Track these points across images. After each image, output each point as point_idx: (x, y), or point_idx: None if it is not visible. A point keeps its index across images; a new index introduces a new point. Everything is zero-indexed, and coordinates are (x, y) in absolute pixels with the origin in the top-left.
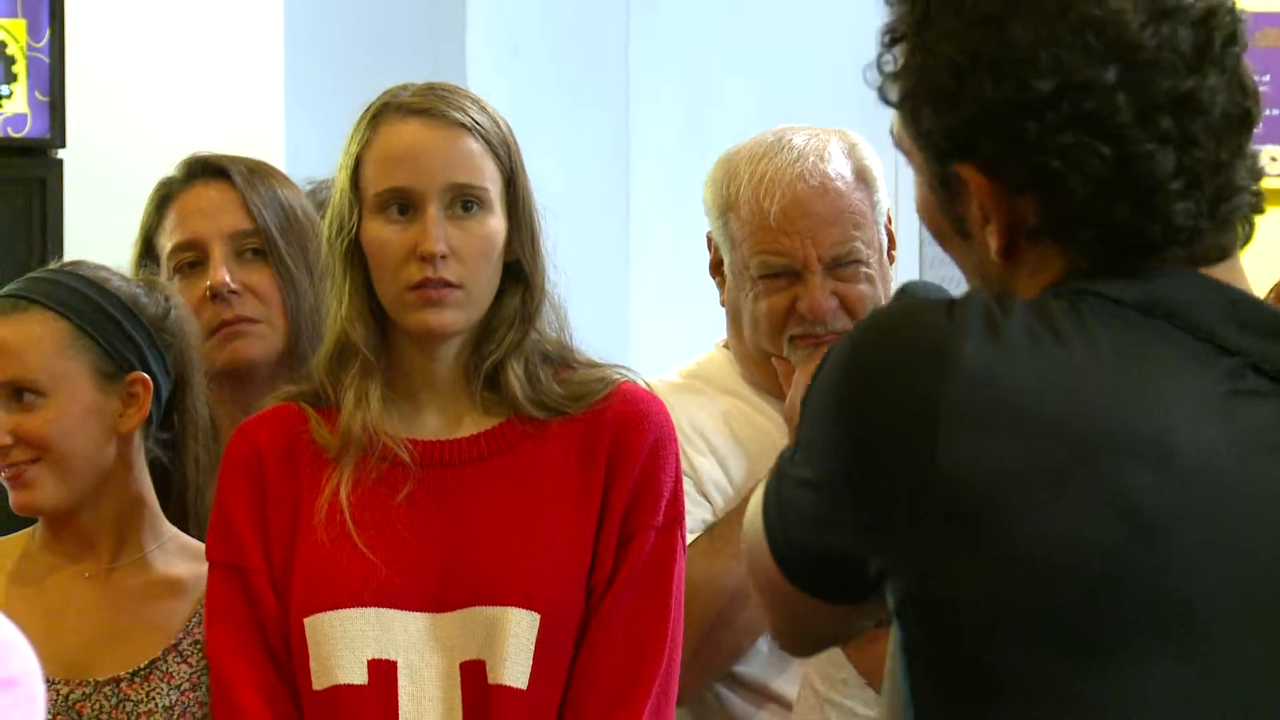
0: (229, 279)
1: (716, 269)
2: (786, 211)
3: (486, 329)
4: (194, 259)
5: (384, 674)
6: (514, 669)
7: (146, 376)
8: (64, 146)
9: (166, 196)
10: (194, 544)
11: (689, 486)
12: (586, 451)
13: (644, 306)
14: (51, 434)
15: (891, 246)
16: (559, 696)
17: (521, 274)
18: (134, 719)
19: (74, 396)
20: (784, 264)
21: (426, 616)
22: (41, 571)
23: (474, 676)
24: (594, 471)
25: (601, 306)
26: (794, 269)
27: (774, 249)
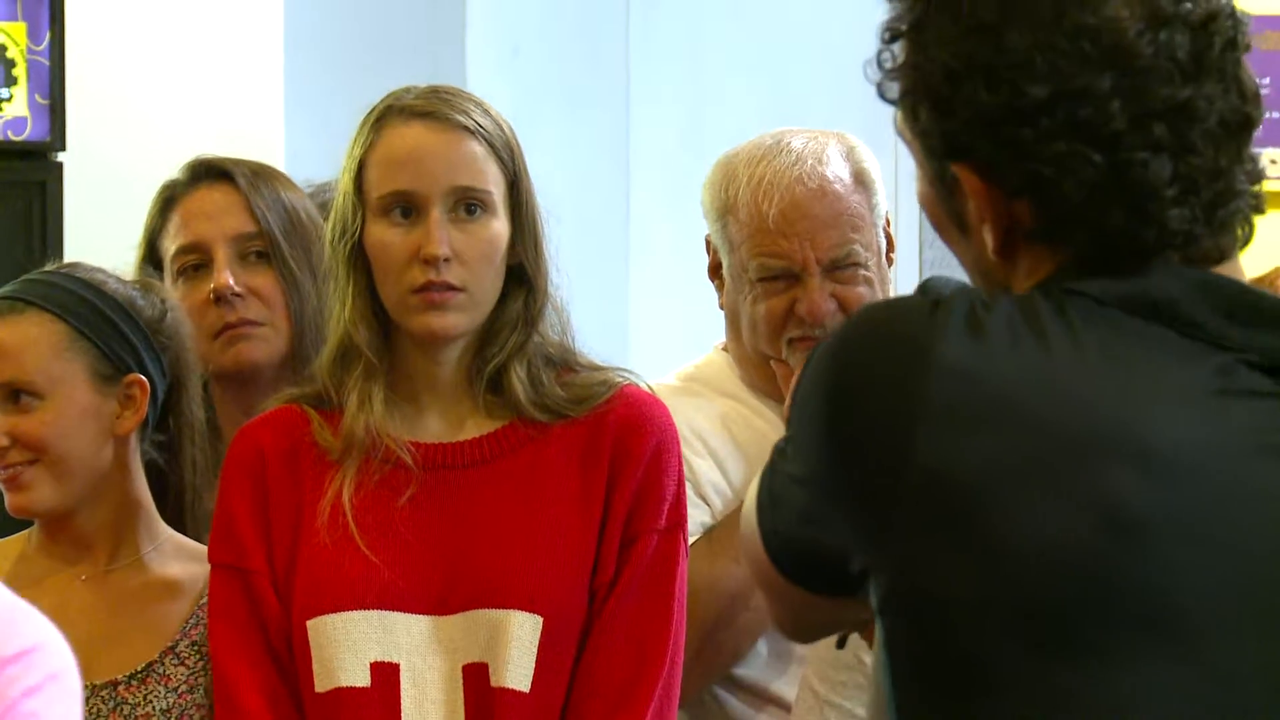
0: (233, 282)
1: (715, 272)
2: (785, 214)
3: (489, 332)
4: (198, 261)
5: (386, 676)
6: (516, 672)
7: (144, 379)
8: (64, 150)
9: (170, 199)
10: (191, 545)
11: (687, 489)
12: (589, 454)
13: (643, 309)
14: (49, 436)
15: (890, 249)
16: (561, 699)
17: (524, 277)
18: None
19: (71, 398)
20: (782, 266)
21: (429, 619)
22: (38, 574)
23: (476, 679)
24: (597, 474)
25: (601, 308)
26: (792, 271)
27: (772, 251)
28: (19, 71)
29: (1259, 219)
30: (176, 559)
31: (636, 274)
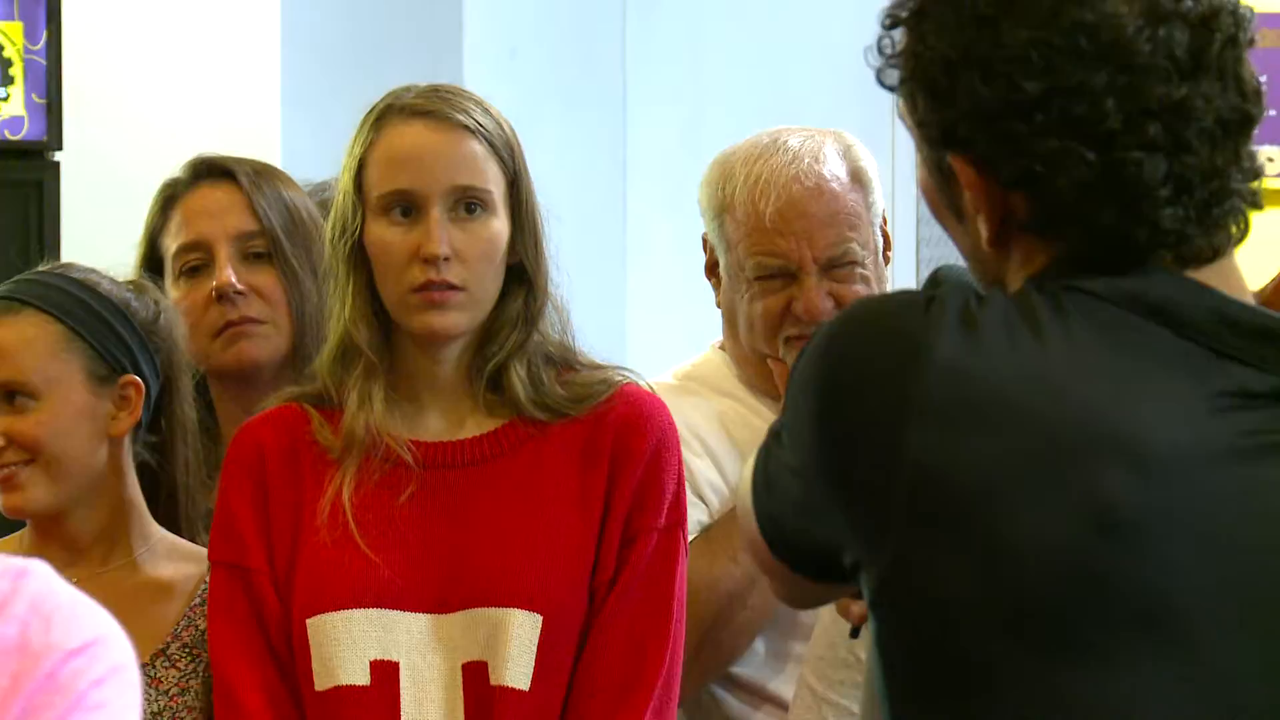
0: (235, 280)
1: (712, 270)
2: (782, 213)
3: (489, 331)
4: (199, 260)
5: (386, 675)
6: (516, 670)
7: (139, 379)
8: (61, 149)
9: (171, 197)
10: (184, 545)
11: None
12: (589, 453)
13: (641, 308)
14: (44, 436)
15: (887, 247)
16: (561, 698)
17: (524, 276)
18: None
19: (67, 398)
20: (779, 265)
21: (429, 617)
22: None
23: (476, 678)
24: (596, 473)
25: (599, 308)
26: (789, 270)
27: (769, 250)
28: (15, 71)
29: (1257, 216)
30: (169, 560)
31: (634, 273)
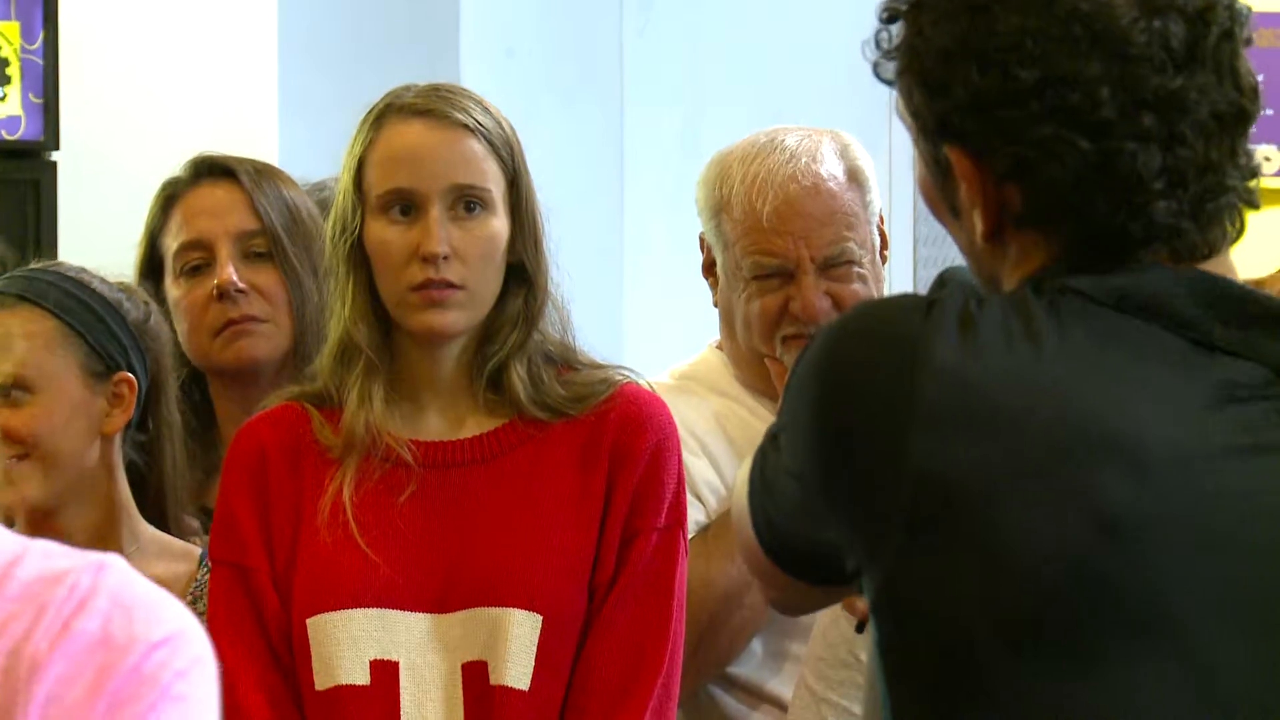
0: (236, 278)
1: (709, 270)
2: (779, 212)
3: (489, 330)
4: (200, 259)
5: (386, 674)
6: (516, 670)
7: (132, 377)
8: (58, 149)
9: (172, 197)
10: (175, 544)
11: None
12: (589, 453)
13: (638, 307)
14: (39, 430)
15: (884, 247)
16: (561, 697)
17: (524, 275)
18: None
19: (62, 394)
20: (777, 264)
21: (429, 617)
22: None
23: (476, 677)
24: (596, 473)
25: (596, 307)
26: (787, 269)
27: (767, 249)
28: (12, 71)
29: (1255, 215)
30: (160, 559)
31: (631, 273)
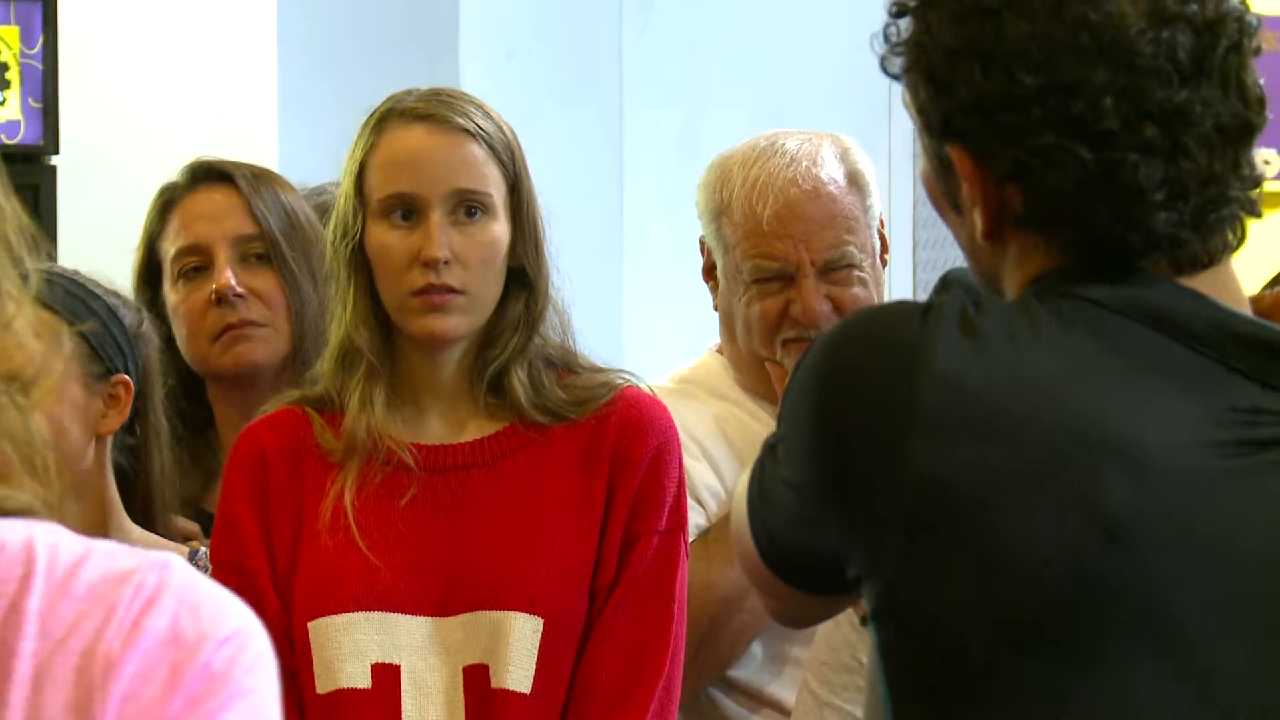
0: (234, 282)
1: (710, 273)
2: (779, 215)
3: (490, 334)
4: (198, 263)
5: (387, 678)
6: (517, 673)
7: (128, 380)
8: (57, 153)
9: (170, 201)
10: (165, 544)
11: None
12: (590, 456)
13: (638, 311)
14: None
15: (884, 250)
16: (562, 701)
17: (525, 279)
18: None
19: (63, 394)
20: (777, 268)
21: (430, 621)
22: None
23: (477, 681)
24: (597, 476)
25: (595, 311)
26: (787, 273)
27: (767, 253)
28: (12, 75)
29: (1255, 221)
30: None
31: (631, 276)
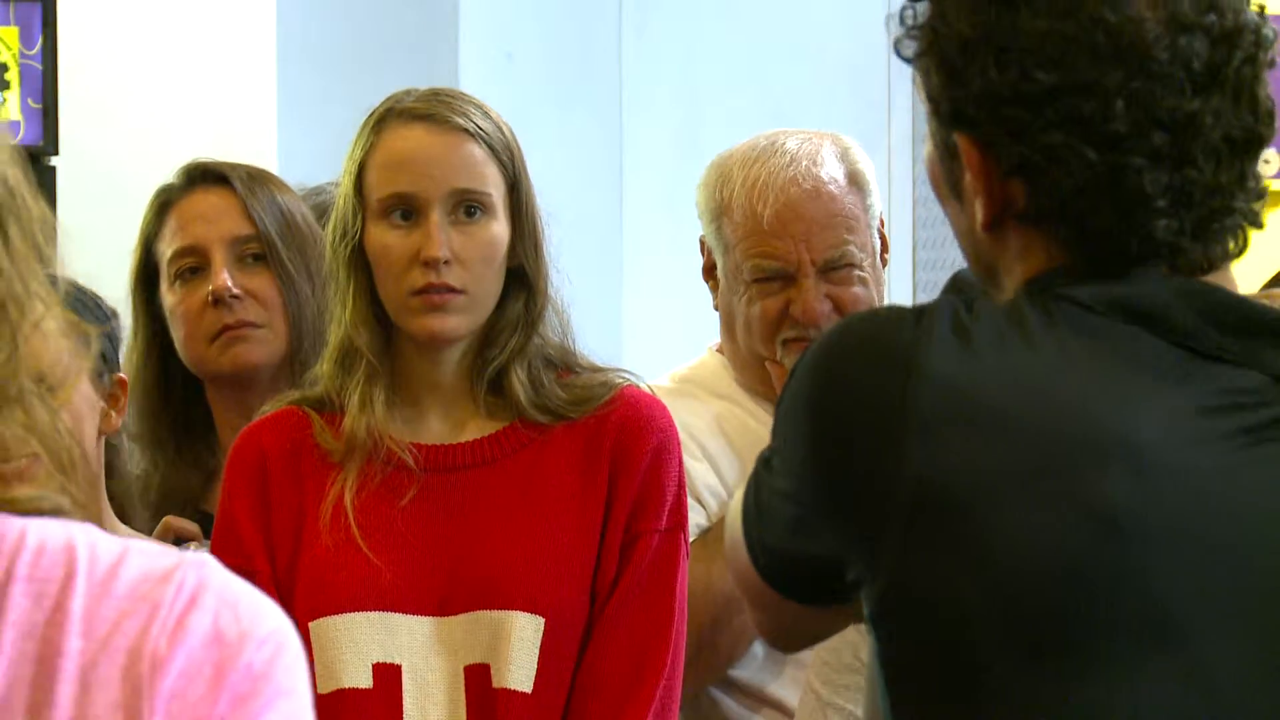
0: (231, 284)
1: (710, 273)
2: (780, 215)
3: (490, 334)
4: (195, 264)
5: (389, 678)
6: (519, 673)
7: (125, 378)
8: (57, 154)
9: (166, 203)
10: (153, 543)
11: None
12: (590, 455)
13: (638, 311)
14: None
15: (884, 250)
16: (563, 700)
17: (524, 279)
18: None
19: (79, 390)
20: (777, 267)
21: (431, 620)
22: None
23: (478, 680)
24: (597, 475)
25: (595, 311)
26: (787, 272)
27: (767, 252)
28: (11, 76)
29: (1256, 232)
30: None
31: (631, 276)
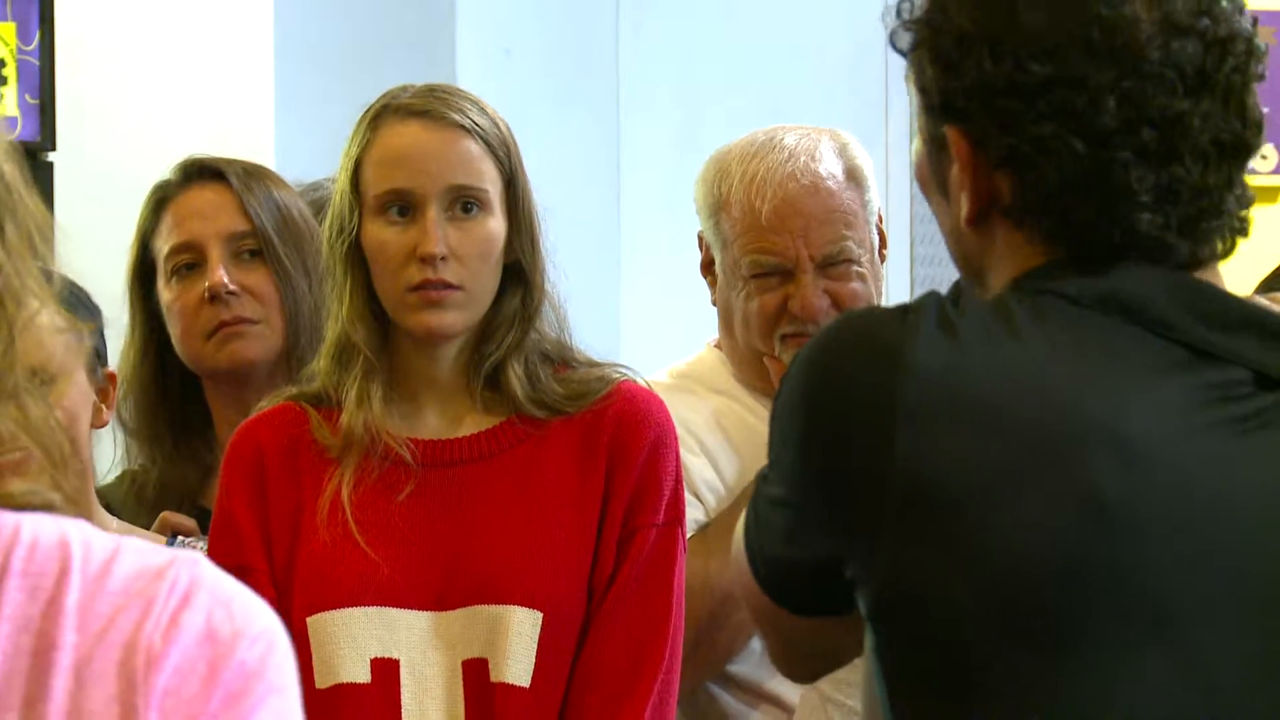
0: (227, 280)
1: (708, 268)
2: (778, 210)
3: (487, 329)
4: (191, 261)
5: (387, 672)
6: (516, 667)
7: (115, 373)
8: (54, 150)
9: (163, 199)
10: (140, 533)
11: None
12: (587, 450)
13: (636, 307)
14: (64, 421)
15: (882, 246)
16: (561, 694)
17: (521, 274)
18: None
19: (76, 384)
20: (775, 263)
21: (429, 615)
22: None
23: (476, 675)
24: (595, 470)
25: (593, 307)
26: (786, 268)
27: (766, 248)
28: (9, 71)
29: (1252, 209)
30: None
31: (629, 272)
